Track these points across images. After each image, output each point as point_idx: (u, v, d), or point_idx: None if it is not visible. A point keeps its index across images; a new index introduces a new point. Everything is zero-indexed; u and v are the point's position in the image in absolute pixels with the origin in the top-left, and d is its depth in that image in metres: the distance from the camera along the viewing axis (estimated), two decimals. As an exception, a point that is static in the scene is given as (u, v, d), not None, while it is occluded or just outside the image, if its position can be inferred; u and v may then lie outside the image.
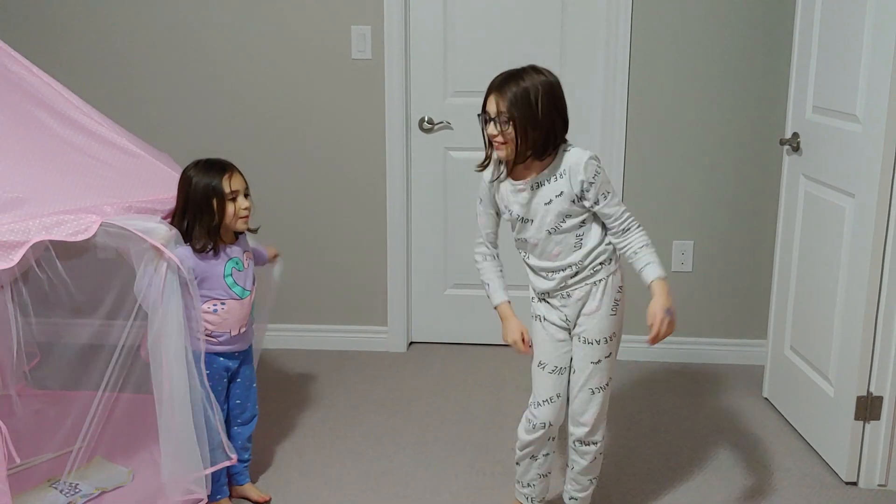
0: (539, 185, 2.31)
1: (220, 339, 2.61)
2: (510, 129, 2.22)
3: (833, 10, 2.99)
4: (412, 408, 3.48)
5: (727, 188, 3.79)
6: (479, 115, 2.29)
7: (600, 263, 2.35)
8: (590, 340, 2.39)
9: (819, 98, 3.10)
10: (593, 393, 2.41)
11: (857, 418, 2.84)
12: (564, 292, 2.38)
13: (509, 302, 2.47)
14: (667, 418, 3.39)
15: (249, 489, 2.80)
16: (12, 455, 2.24)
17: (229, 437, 2.68)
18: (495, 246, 2.49)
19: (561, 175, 2.29)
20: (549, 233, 2.32)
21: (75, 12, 3.90)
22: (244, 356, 2.72)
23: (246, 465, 2.80)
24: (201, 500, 2.73)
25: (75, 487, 2.64)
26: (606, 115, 3.73)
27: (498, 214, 2.45)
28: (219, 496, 2.71)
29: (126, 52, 3.92)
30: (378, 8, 3.76)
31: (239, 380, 2.72)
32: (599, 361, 2.40)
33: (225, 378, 2.67)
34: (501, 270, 2.49)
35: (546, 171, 2.30)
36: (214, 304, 2.57)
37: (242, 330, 2.64)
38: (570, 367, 2.44)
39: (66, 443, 2.51)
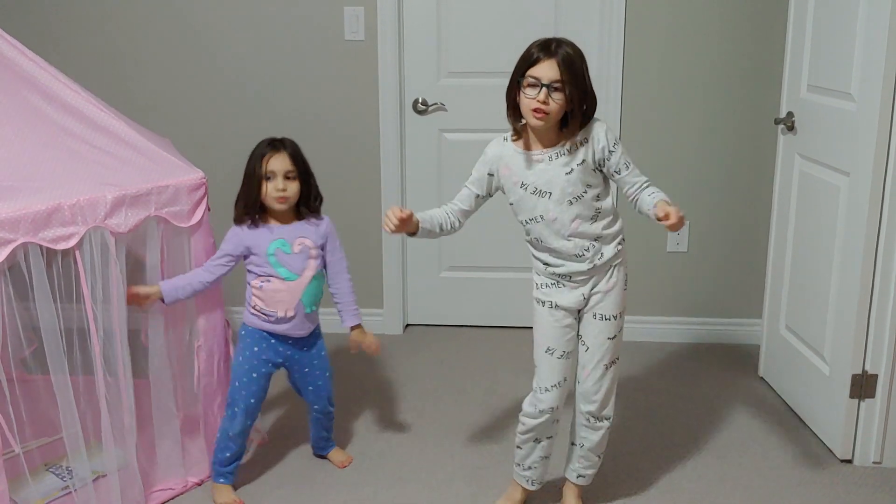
0: (560, 154, 2.29)
1: (270, 318, 2.65)
2: (561, 98, 2.20)
3: (828, -13, 2.98)
4: (408, 389, 3.49)
5: (722, 168, 3.79)
6: (520, 79, 2.23)
7: (620, 244, 2.38)
8: (606, 316, 2.40)
9: (814, 77, 3.09)
10: (606, 368, 2.42)
11: (852, 396, 2.85)
12: (586, 273, 2.36)
13: (415, 220, 2.33)
14: (663, 397, 3.40)
15: (334, 455, 2.94)
16: (9, 441, 2.25)
17: (312, 420, 2.88)
18: (457, 217, 2.44)
19: (581, 143, 2.29)
20: (570, 202, 2.29)
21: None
22: (303, 344, 2.73)
23: (321, 440, 2.93)
24: (197, 484, 2.76)
25: (72, 471, 2.64)
26: (600, 94, 3.63)
27: (479, 197, 2.43)
28: (221, 480, 2.71)
29: (118, 35, 3.89)
30: (371, -11, 3.74)
31: (307, 369, 2.76)
32: (614, 337, 2.42)
33: (264, 361, 2.69)
34: (442, 224, 2.41)
35: (567, 143, 2.29)
36: (262, 281, 2.62)
37: (290, 314, 2.64)
38: (576, 350, 2.44)
39: (63, 427, 2.50)
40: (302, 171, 2.64)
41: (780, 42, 3.48)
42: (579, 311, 2.42)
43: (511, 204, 2.40)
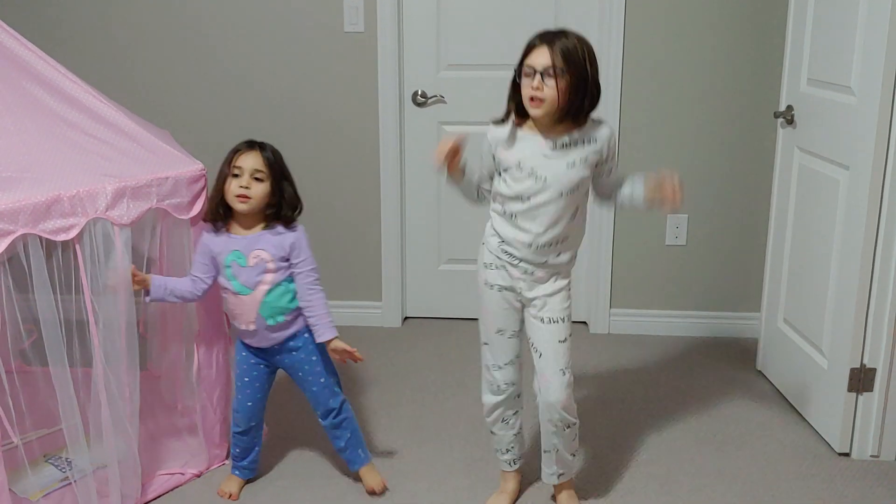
0: (566, 145, 2.29)
1: (240, 328, 2.60)
2: (554, 85, 2.18)
3: (828, -19, 2.98)
4: (407, 382, 3.49)
5: (721, 161, 3.79)
6: (517, 68, 2.25)
7: (574, 257, 2.42)
8: (555, 319, 2.40)
9: (813, 70, 3.09)
10: (563, 374, 2.41)
11: (850, 390, 2.86)
12: (535, 268, 2.37)
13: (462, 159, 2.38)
14: (660, 391, 3.40)
15: (364, 474, 2.73)
16: (8, 432, 2.25)
17: (325, 429, 2.71)
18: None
19: (590, 141, 2.29)
20: (562, 194, 2.30)
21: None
22: (282, 350, 2.61)
23: (343, 452, 2.72)
24: (196, 475, 2.77)
25: (71, 463, 2.64)
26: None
27: (491, 177, 2.41)
28: (235, 472, 2.72)
29: (116, 27, 3.88)
30: (370, -20, 3.73)
31: (300, 374, 2.64)
32: (565, 340, 2.42)
33: (253, 364, 2.65)
34: (475, 184, 2.45)
35: (576, 134, 2.29)
36: (223, 291, 2.57)
37: (251, 327, 2.55)
38: (523, 330, 2.47)
39: (62, 419, 2.50)
40: (276, 175, 2.51)
41: (779, 35, 3.47)
42: (522, 305, 2.43)
43: (502, 172, 2.36)
